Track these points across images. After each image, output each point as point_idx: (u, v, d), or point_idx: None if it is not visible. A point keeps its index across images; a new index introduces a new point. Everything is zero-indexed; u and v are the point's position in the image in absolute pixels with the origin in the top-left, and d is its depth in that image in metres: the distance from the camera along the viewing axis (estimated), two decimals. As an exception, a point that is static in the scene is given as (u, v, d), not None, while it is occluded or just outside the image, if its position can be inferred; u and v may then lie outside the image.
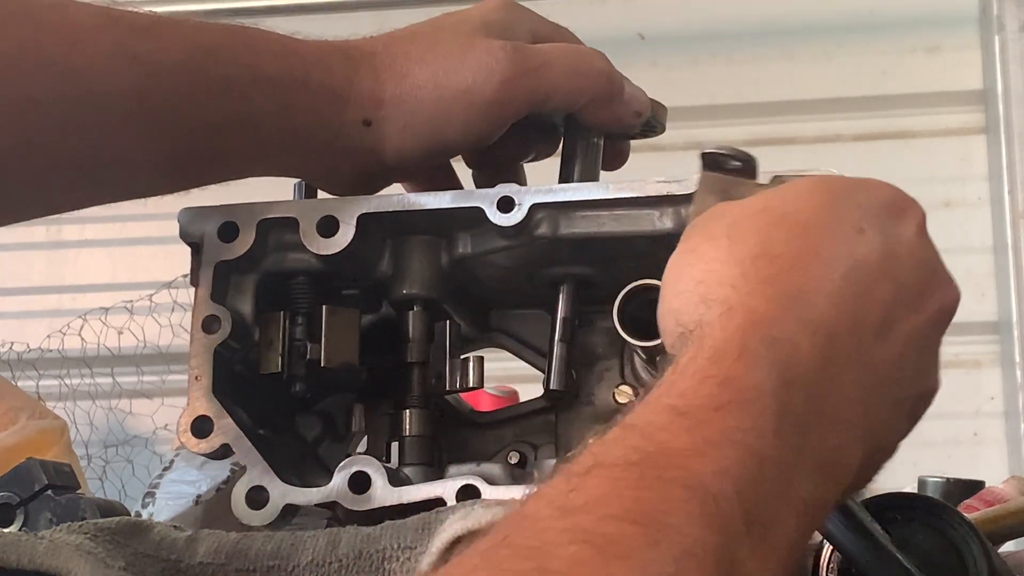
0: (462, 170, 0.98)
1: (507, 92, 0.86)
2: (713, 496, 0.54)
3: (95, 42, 0.80)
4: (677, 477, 0.54)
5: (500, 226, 0.86)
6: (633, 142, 0.99)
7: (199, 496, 2.16)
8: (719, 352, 0.60)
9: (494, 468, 0.87)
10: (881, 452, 0.68)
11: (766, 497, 0.56)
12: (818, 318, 0.63)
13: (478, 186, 0.96)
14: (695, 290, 0.65)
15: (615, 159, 0.98)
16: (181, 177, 0.88)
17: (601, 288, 0.89)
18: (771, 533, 0.56)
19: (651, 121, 0.95)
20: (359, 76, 0.87)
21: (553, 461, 0.91)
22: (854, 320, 0.64)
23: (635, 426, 0.58)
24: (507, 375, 1.85)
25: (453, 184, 0.95)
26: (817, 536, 0.72)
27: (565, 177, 0.94)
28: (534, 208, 0.86)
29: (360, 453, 0.93)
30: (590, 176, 0.93)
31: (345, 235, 0.86)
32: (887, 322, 0.66)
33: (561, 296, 0.90)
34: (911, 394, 0.69)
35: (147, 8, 0.85)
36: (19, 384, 2.83)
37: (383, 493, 0.82)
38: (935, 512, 0.71)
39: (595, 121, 0.91)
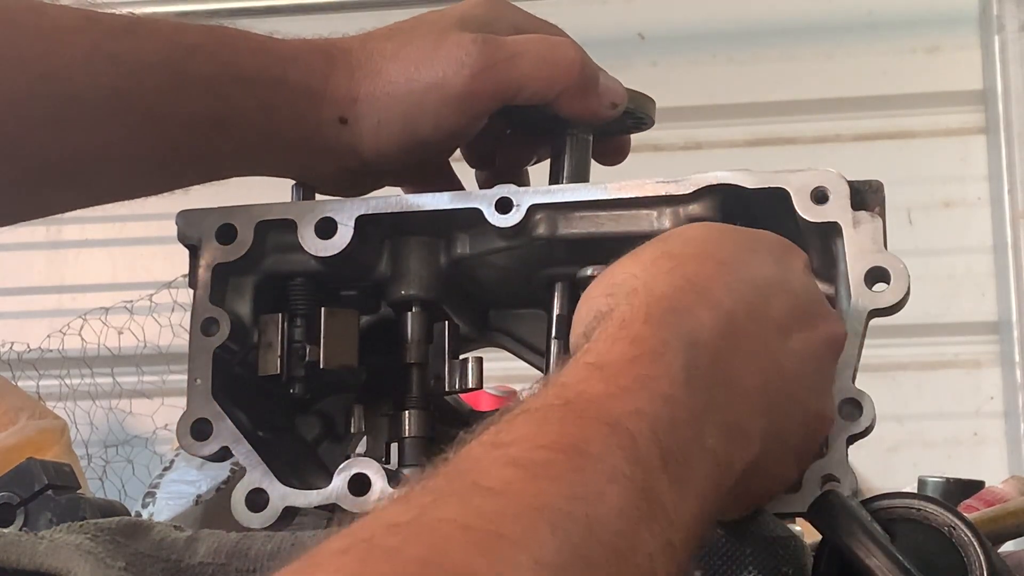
0: (466, 172, 0.98)
1: (478, 84, 0.86)
2: (630, 433, 0.58)
3: (73, 43, 0.81)
4: (597, 416, 0.59)
5: (498, 227, 0.86)
6: (632, 143, 0.99)
7: (199, 496, 2.16)
8: (627, 320, 0.66)
9: (493, 469, 0.87)
10: (778, 460, 0.71)
11: (680, 440, 0.60)
12: (716, 300, 0.68)
13: (481, 187, 0.96)
14: (603, 291, 0.70)
15: (615, 155, 0.98)
16: (164, 177, 0.89)
17: (600, 289, 0.89)
18: (687, 474, 0.60)
19: (636, 113, 0.94)
20: (335, 74, 0.87)
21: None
22: (752, 309, 0.69)
23: (556, 381, 0.62)
24: (507, 375, 1.85)
25: (453, 186, 0.95)
26: (817, 536, 0.72)
27: (555, 174, 0.94)
28: (532, 209, 0.86)
29: (360, 454, 0.92)
30: (581, 172, 0.93)
31: (343, 237, 0.86)
32: (786, 327, 0.71)
33: (556, 294, 0.90)
34: (810, 408, 0.72)
35: (148, 9, 0.85)
36: (19, 384, 2.83)
37: (383, 495, 0.82)
38: (935, 512, 0.71)
39: (570, 112, 0.90)
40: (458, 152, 0.96)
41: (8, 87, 0.79)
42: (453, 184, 0.95)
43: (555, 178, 0.93)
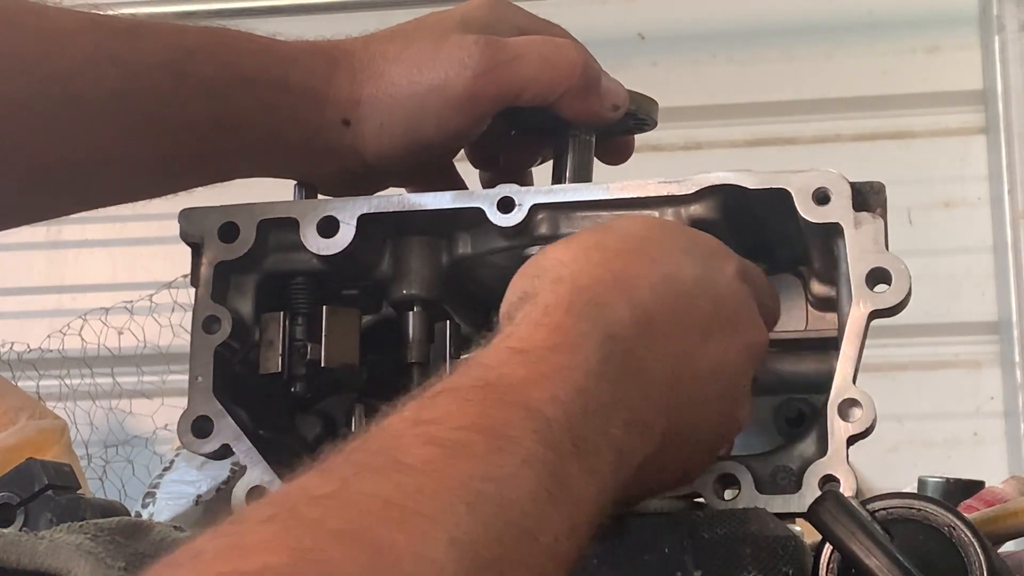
0: (469, 173, 0.98)
1: (480, 86, 0.86)
2: (547, 419, 0.60)
3: (75, 45, 0.81)
4: (516, 400, 0.61)
5: (500, 227, 0.86)
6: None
7: (199, 496, 2.17)
8: (550, 307, 0.68)
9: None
10: (677, 457, 0.73)
11: (590, 429, 0.63)
12: (638, 297, 0.70)
13: (485, 188, 0.96)
14: (532, 271, 0.73)
15: (618, 154, 0.98)
16: (166, 179, 0.89)
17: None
18: (595, 461, 0.62)
19: (638, 114, 0.94)
20: (337, 76, 0.87)
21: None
22: (673, 312, 0.72)
23: (479, 363, 0.65)
24: (507, 375, 1.84)
25: (456, 186, 0.95)
26: (817, 536, 0.72)
27: (558, 174, 0.94)
28: (534, 208, 0.86)
29: (360, 453, 0.92)
30: (584, 172, 0.93)
31: (345, 235, 0.86)
32: (706, 330, 0.73)
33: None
34: (721, 411, 0.75)
35: (149, 10, 0.85)
36: (19, 384, 2.83)
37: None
38: (935, 512, 0.71)
39: (571, 114, 0.90)
40: (461, 152, 0.96)
41: (9, 89, 0.79)
42: (457, 184, 0.95)
43: (558, 178, 0.93)
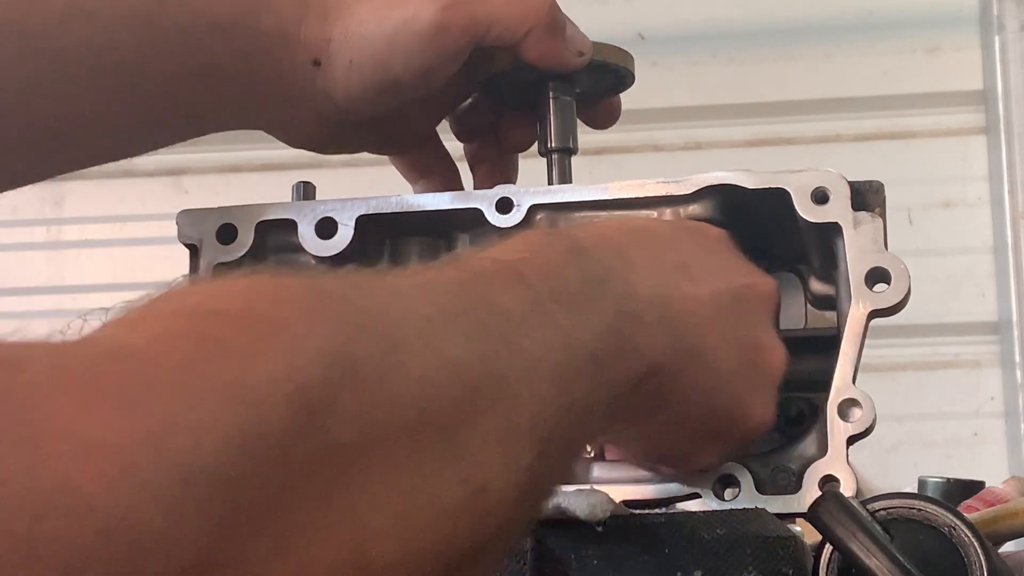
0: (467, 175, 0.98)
1: (448, 17, 0.87)
2: (518, 271, 0.60)
3: (49, 3, 0.82)
4: (486, 256, 0.62)
5: (499, 227, 0.86)
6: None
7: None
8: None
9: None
10: (709, 375, 0.73)
11: (570, 293, 0.62)
12: (600, 231, 0.74)
13: (476, 184, 0.96)
14: None
15: (606, 118, 0.98)
16: (147, 134, 0.90)
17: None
18: (581, 315, 0.61)
19: (610, 65, 0.94)
20: (308, 18, 0.88)
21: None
22: (646, 248, 0.73)
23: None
24: (507, 375, 1.84)
25: (450, 172, 0.96)
26: (817, 536, 0.72)
27: (542, 139, 0.94)
28: (533, 209, 0.86)
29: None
30: (566, 135, 0.93)
31: (343, 237, 0.87)
32: (689, 275, 0.74)
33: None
34: (740, 335, 0.75)
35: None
36: (19, 385, 2.82)
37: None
38: (935, 512, 0.71)
39: (536, 56, 0.90)
40: (461, 153, 0.96)
41: None
42: (440, 153, 0.96)
43: (543, 142, 0.94)
